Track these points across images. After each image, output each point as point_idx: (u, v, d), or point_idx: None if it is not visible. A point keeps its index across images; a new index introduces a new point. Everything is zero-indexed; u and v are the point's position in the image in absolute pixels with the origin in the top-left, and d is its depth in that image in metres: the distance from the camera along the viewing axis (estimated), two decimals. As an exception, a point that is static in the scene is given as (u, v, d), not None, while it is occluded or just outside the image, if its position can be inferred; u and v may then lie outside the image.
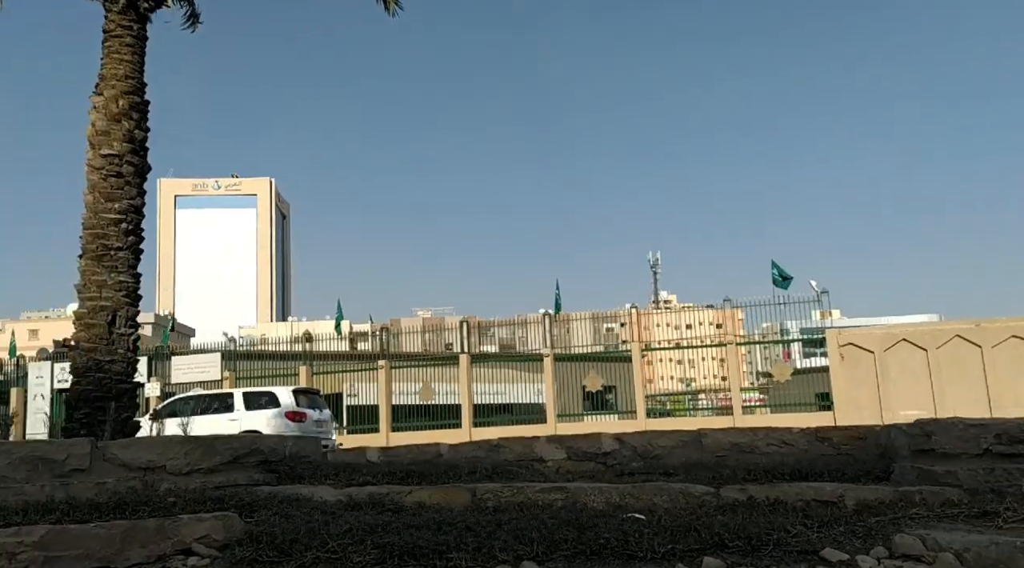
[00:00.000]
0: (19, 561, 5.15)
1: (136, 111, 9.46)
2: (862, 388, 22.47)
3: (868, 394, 22.29)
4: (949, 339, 22.29)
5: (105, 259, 8.95)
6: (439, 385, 26.54)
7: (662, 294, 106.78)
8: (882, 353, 22.52)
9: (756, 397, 37.15)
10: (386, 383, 26.44)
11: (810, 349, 40.74)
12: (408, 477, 7.65)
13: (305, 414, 17.63)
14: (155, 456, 6.94)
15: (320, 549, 5.23)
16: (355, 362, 28.85)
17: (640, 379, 25.61)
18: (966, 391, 21.62)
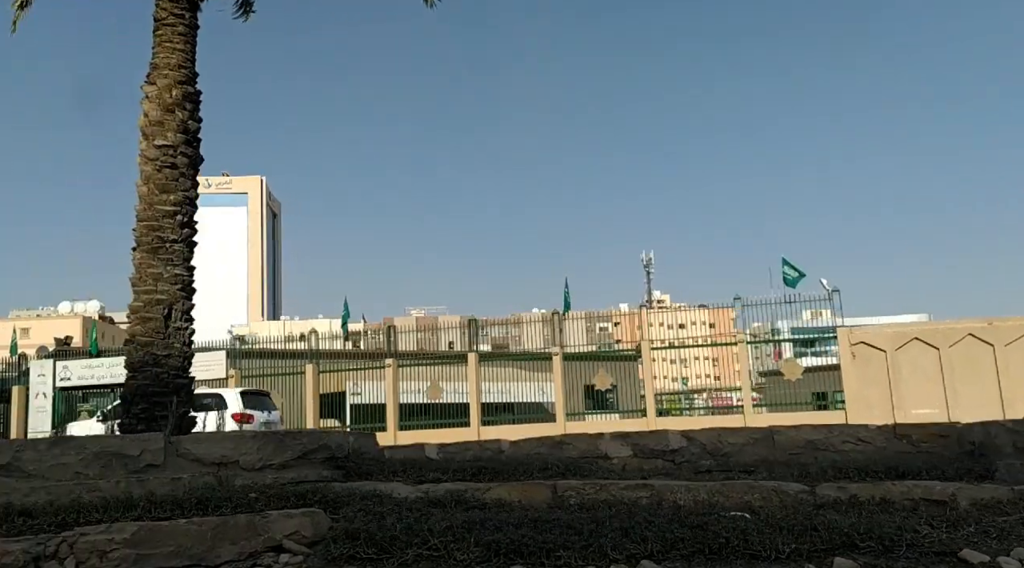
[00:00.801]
0: (110, 559, 5.01)
1: (189, 101, 9.30)
2: (874, 387, 22.28)
3: (880, 393, 22.08)
4: (961, 338, 22.13)
5: (160, 252, 8.80)
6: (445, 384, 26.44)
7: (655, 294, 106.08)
8: (894, 352, 22.35)
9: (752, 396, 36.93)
10: (393, 381, 26.28)
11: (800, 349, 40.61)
12: (479, 474, 7.51)
13: (252, 416, 17.80)
14: (228, 451, 6.79)
15: (421, 546, 5.08)
16: (362, 361, 28.64)
17: (650, 378, 25.51)
18: (979, 390, 21.41)
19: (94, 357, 29.39)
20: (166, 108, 9.09)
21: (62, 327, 68.21)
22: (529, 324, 32.44)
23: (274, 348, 32.47)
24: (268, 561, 5.40)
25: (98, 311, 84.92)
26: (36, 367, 29.01)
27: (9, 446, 6.33)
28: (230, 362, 27.69)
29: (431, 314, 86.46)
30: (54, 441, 6.36)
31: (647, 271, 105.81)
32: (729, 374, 31.33)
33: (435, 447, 9.20)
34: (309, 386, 26.83)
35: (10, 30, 11.89)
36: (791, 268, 24.99)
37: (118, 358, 28.98)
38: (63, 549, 5.02)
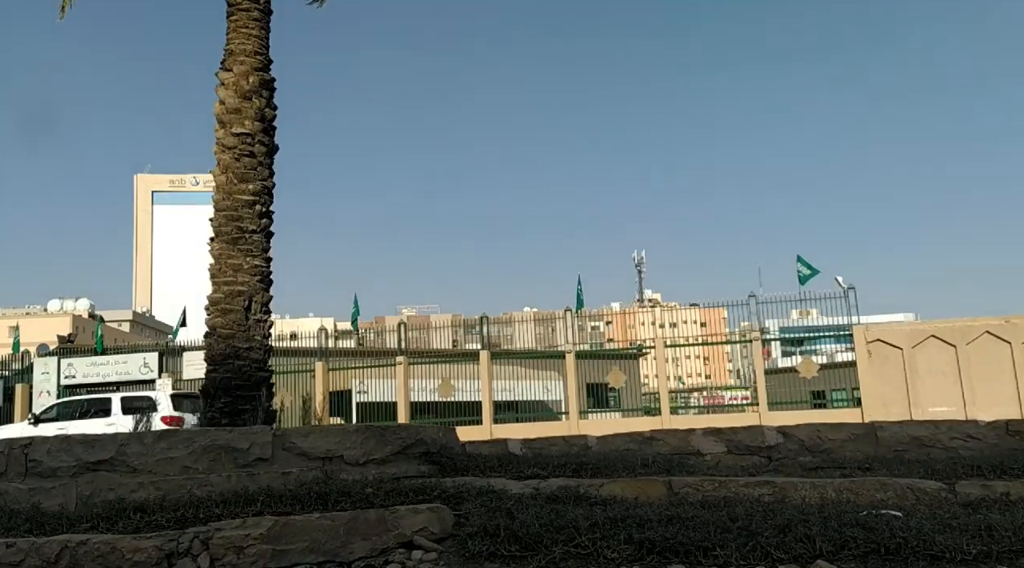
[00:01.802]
0: (247, 556, 4.83)
1: (266, 88, 9.10)
2: (890, 385, 22.12)
3: (896, 391, 21.94)
4: (978, 335, 21.96)
5: (240, 242, 8.60)
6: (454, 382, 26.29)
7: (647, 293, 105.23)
8: (910, 350, 22.21)
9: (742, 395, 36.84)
10: (404, 379, 26.08)
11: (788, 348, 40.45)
12: (580, 469, 7.28)
13: (182, 418, 17.62)
14: (333, 445, 6.61)
15: (567, 544, 4.88)
16: (372, 358, 28.42)
17: (664, 375, 25.35)
18: (997, 388, 21.25)
19: (99, 355, 29.09)
20: (243, 95, 8.88)
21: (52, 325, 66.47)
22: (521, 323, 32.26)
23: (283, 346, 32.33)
24: (399, 558, 5.22)
25: (88, 309, 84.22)
26: (40, 365, 28.66)
27: (113, 440, 6.15)
28: None
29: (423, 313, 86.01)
30: (160, 434, 6.17)
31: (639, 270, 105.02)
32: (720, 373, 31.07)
33: (518, 442, 9.01)
34: (319, 384, 26.57)
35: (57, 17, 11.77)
36: (805, 266, 24.80)
37: (124, 355, 28.74)
38: (196, 545, 4.84)
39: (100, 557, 4.69)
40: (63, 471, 6.12)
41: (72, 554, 4.69)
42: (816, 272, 24.80)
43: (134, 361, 28.14)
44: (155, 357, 27.93)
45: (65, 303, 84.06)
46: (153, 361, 27.74)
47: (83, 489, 6.02)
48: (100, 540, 4.76)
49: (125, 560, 4.70)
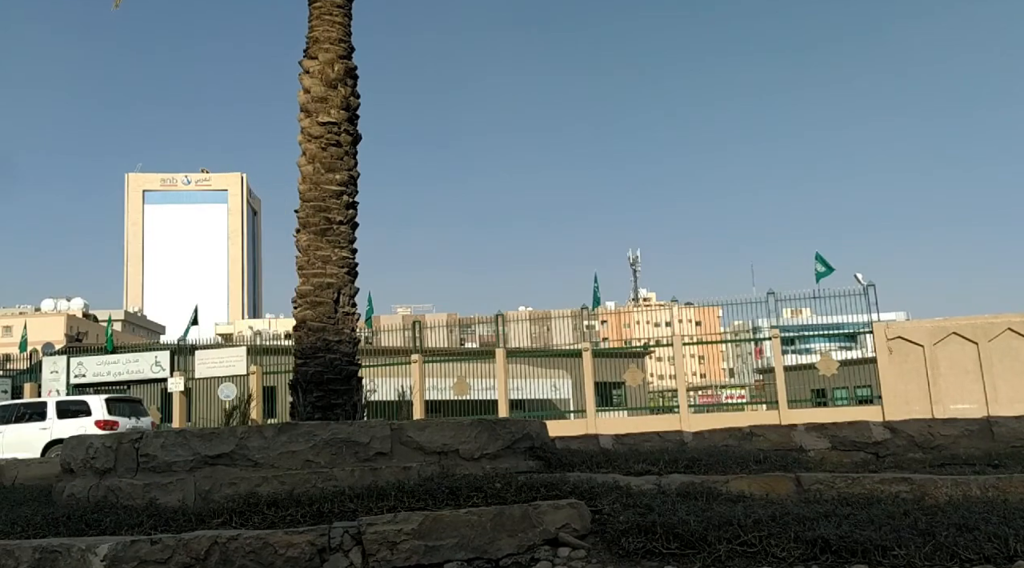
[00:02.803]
0: (400, 551, 4.65)
1: (350, 77, 8.90)
2: (911, 382, 21.96)
3: (918, 388, 21.79)
4: (1000, 332, 21.77)
5: (328, 233, 8.40)
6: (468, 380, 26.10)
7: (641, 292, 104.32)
8: (931, 347, 22.03)
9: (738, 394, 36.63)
10: (419, 378, 25.88)
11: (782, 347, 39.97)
12: (694, 465, 7.07)
13: (116, 422, 17.80)
14: (449, 440, 6.41)
15: (732, 541, 4.66)
16: (385, 356, 28.21)
17: (682, 373, 25.22)
18: (1019, 384, 21.09)
19: (110, 353, 28.88)
20: (329, 83, 8.69)
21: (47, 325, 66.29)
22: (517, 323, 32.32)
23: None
24: (545, 555, 5.02)
25: (82, 309, 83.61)
26: (48, 364, 28.40)
27: (232, 434, 5.96)
28: (250, 358, 27.36)
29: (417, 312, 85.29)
30: (280, 428, 5.98)
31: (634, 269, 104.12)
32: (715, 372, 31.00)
33: (610, 438, 8.80)
34: None
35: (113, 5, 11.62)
36: (822, 263, 24.60)
37: (136, 354, 28.54)
38: (346, 540, 4.66)
39: (252, 553, 4.51)
40: (179, 466, 5.94)
41: (222, 550, 4.51)
42: (831, 270, 24.60)
43: (145, 360, 28.03)
44: (167, 356, 27.82)
45: (59, 303, 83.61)
46: (165, 360, 27.64)
47: (201, 484, 5.84)
48: (251, 535, 4.58)
49: (278, 556, 4.52)
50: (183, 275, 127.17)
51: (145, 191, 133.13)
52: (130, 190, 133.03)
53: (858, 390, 26.64)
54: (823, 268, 24.51)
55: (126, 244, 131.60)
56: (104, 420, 17.66)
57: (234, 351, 28.17)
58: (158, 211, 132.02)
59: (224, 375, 26.76)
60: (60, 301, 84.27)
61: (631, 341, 29.16)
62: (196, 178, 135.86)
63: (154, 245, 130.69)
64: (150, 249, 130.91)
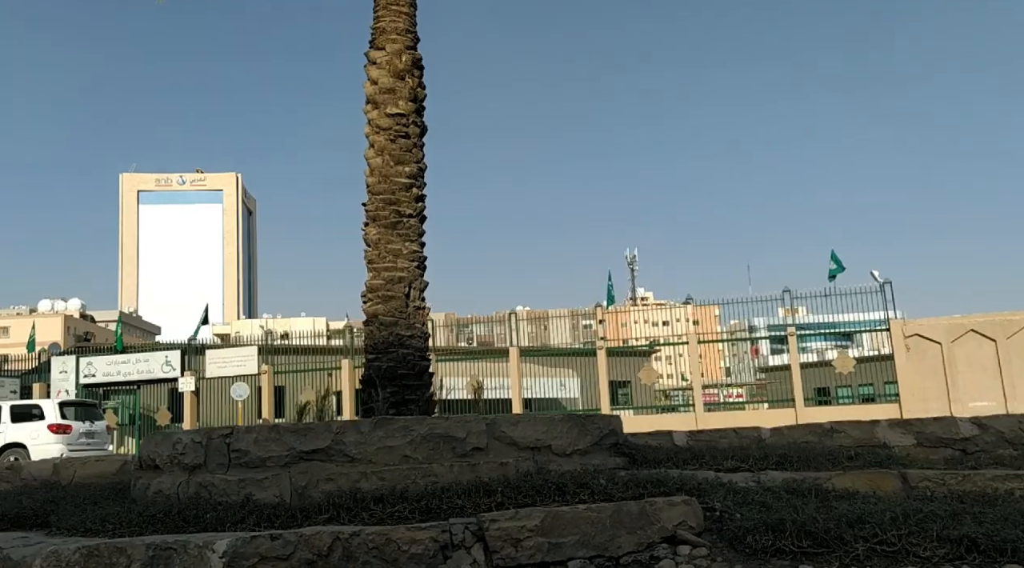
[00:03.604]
0: (525, 548, 4.50)
1: (417, 68, 8.77)
2: (929, 380, 21.94)
3: (936, 386, 21.76)
4: (1019, 330, 21.72)
5: (399, 227, 8.27)
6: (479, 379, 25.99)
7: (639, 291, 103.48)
8: (949, 344, 22.02)
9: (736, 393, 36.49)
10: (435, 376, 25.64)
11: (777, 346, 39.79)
12: (784, 462, 6.90)
13: (70, 426, 18.19)
14: (542, 435, 6.26)
15: (869, 540, 4.49)
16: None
17: (698, 372, 25.18)
18: None
19: (120, 353, 28.80)
20: (396, 74, 8.56)
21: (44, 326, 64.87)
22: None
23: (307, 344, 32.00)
24: (663, 552, 4.86)
25: (79, 309, 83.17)
26: (57, 363, 28.32)
27: (327, 428, 5.83)
28: (262, 358, 27.25)
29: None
30: (376, 422, 5.83)
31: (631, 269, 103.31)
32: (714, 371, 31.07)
33: (684, 434, 8.63)
34: (346, 381, 26.29)
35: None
36: (835, 262, 24.41)
37: (146, 354, 28.49)
38: (467, 537, 4.51)
39: (376, 549, 4.37)
40: (273, 461, 5.80)
41: (345, 545, 4.37)
42: (842, 268, 24.47)
43: (156, 359, 27.98)
44: (177, 355, 27.79)
45: (56, 304, 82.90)
46: (175, 359, 27.59)
47: (297, 480, 5.71)
48: (373, 531, 4.44)
49: (401, 552, 4.38)
50: (178, 275, 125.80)
51: (140, 191, 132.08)
52: (125, 190, 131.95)
53: (862, 388, 26.54)
54: (836, 266, 24.42)
55: (121, 244, 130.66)
56: (57, 424, 18.14)
57: (245, 351, 28.14)
58: (153, 211, 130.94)
59: (235, 375, 26.70)
60: (57, 302, 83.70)
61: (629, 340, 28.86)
62: (191, 178, 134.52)
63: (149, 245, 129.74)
64: (145, 249, 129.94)
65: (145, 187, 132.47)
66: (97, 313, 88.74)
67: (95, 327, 78.68)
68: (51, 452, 16.57)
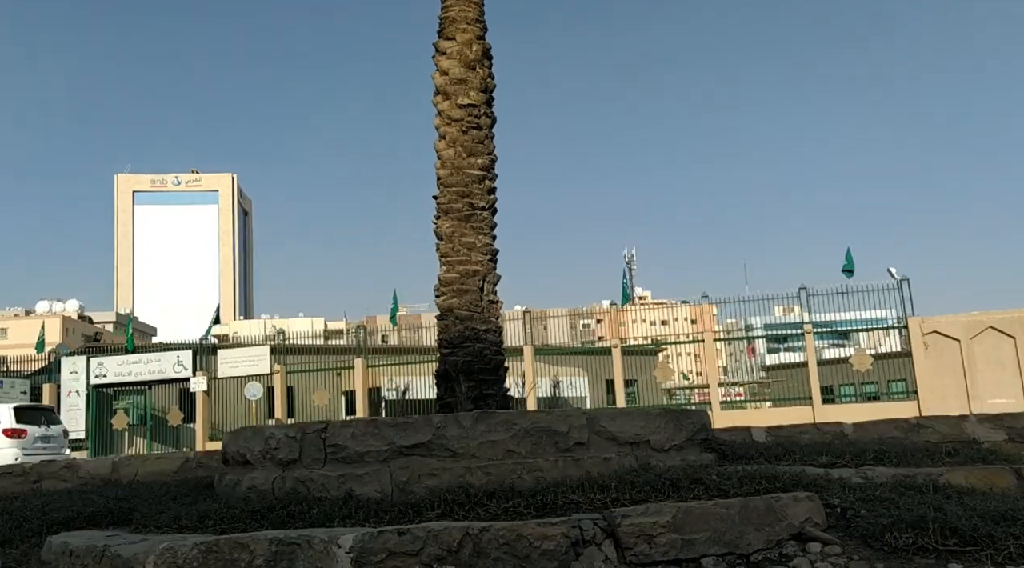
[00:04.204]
0: (658, 544, 4.35)
1: (487, 58, 8.64)
2: (948, 377, 21.78)
3: (955, 383, 21.61)
4: None
5: (472, 220, 8.14)
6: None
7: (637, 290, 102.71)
8: (968, 341, 21.86)
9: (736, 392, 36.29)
10: None
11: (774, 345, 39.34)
12: (883, 457, 6.71)
13: (25, 431, 18.18)
14: (640, 429, 6.11)
15: (1021, 537, 4.31)
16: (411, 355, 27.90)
17: (715, 369, 25.18)
18: None
19: (131, 353, 28.68)
20: (467, 64, 8.43)
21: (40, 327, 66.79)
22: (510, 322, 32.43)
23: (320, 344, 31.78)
24: (792, 550, 4.68)
25: (77, 311, 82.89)
26: (68, 364, 28.19)
27: (427, 422, 5.69)
28: (274, 357, 27.15)
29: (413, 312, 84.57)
30: (477, 417, 5.70)
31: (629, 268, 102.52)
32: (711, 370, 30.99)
33: (763, 430, 8.47)
34: (359, 381, 26.26)
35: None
36: (847, 260, 24.19)
37: (157, 354, 28.41)
38: (597, 533, 4.36)
39: (506, 545, 4.22)
40: (372, 456, 5.67)
41: (475, 541, 4.23)
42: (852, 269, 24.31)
43: (167, 359, 27.91)
44: (189, 355, 27.72)
45: (54, 305, 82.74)
46: (187, 359, 27.52)
47: (398, 475, 5.58)
48: (502, 527, 4.30)
49: (533, 548, 4.23)
50: (174, 276, 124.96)
51: (135, 192, 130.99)
52: (120, 191, 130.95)
53: (865, 386, 26.32)
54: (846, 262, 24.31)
55: (116, 245, 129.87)
56: (11, 428, 18.16)
57: (257, 350, 28.12)
58: (148, 212, 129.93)
59: (247, 375, 26.66)
60: (55, 303, 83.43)
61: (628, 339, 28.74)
62: (186, 179, 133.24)
63: (145, 246, 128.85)
64: (140, 250, 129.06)
65: (140, 188, 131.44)
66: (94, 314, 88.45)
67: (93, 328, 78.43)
68: (6, 457, 16.62)
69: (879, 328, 26.03)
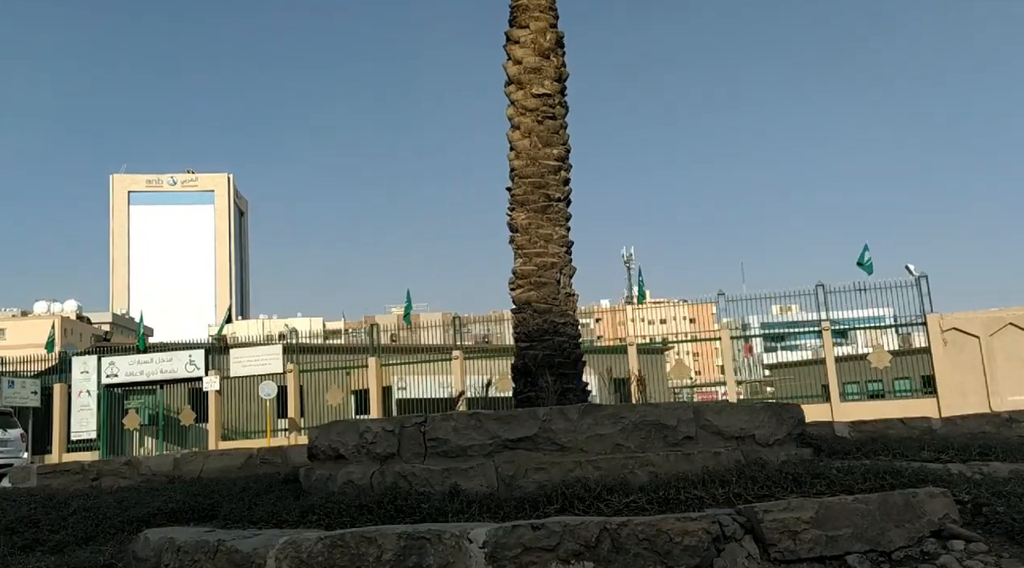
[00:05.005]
0: (802, 541, 4.19)
1: (560, 46, 8.49)
2: (968, 374, 21.55)
3: (974, 380, 21.37)
4: None
5: (548, 211, 7.99)
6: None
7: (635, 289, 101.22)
8: (987, 338, 21.62)
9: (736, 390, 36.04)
10: (461, 374, 25.47)
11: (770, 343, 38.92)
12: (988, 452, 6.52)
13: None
14: (745, 424, 5.95)
15: None
16: (424, 354, 27.71)
17: (731, 366, 25.12)
18: None
19: (142, 353, 28.59)
20: (542, 53, 8.27)
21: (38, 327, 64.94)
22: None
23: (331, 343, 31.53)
24: (932, 547, 4.49)
25: (75, 311, 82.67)
26: (78, 364, 27.99)
27: (532, 416, 5.55)
28: (287, 356, 27.12)
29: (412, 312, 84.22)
30: (584, 410, 5.55)
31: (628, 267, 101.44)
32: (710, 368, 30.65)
33: (845, 425, 8.28)
34: (372, 379, 26.20)
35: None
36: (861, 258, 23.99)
37: (169, 353, 28.26)
38: (736, 529, 4.19)
39: (646, 540, 4.07)
40: (475, 450, 5.53)
41: (613, 536, 4.07)
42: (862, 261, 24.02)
43: (179, 359, 27.80)
44: (201, 354, 27.65)
45: (52, 306, 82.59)
46: (199, 358, 27.45)
47: (503, 469, 5.43)
48: (641, 522, 4.14)
49: (673, 544, 4.07)
50: (170, 277, 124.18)
51: (130, 192, 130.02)
52: (115, 191, 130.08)
53: (870, 385, 25.99)
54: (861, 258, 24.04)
55: (112, 246, 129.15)
56: None
57: (270, 349, 28.10)
58: (144, 212, 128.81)
59: (259, 374, 26.57)
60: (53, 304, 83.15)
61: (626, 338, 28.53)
62: (182, 179, 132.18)
63: (140, 247, 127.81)
64: (136, 251, 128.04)
65: (136, 188, 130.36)
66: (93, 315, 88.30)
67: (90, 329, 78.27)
68: None
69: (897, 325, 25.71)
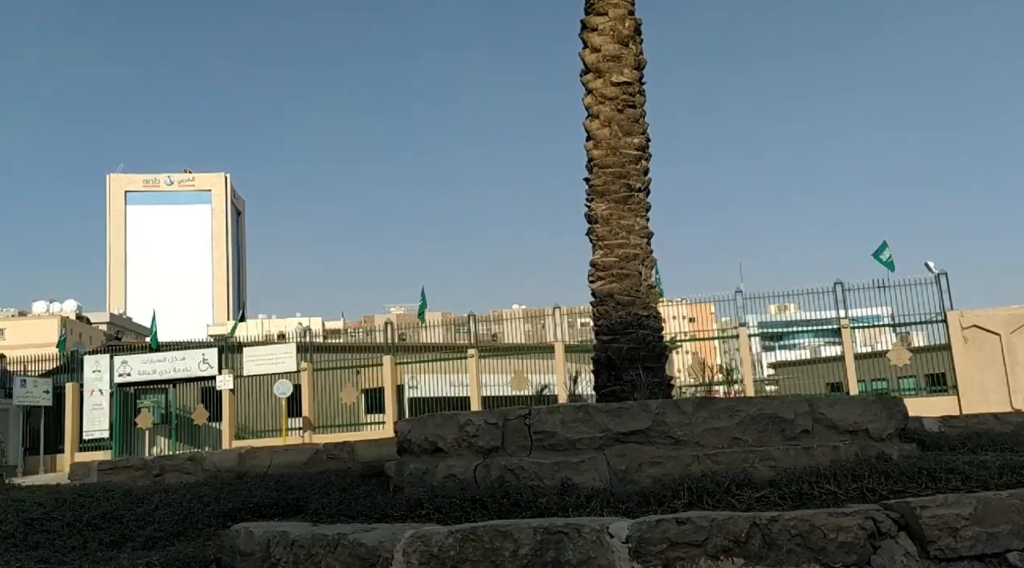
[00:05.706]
0: (963, 538, 4.01)
1: (638, 34, 8.31)
2: (988, 371, 21.25)
3: (995, 377, 21.07)
4: None
5: (629, 201, 7.81)
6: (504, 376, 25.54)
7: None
8: (1008, 335, 21.33)
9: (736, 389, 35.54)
10: (476, 373, 25.37)
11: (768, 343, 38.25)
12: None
13: None
14: (858, 418, 5.75)
15: None
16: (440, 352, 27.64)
17: (748, 364, 25.16)
18: None
19: (155, 351, 28.53)
20: (621, 41, 8.09)
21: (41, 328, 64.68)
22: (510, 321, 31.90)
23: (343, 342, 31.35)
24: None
25: (75, 311, 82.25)
26: (90, 363, 27.90)
27: (644, 408, 5.37)
28: (301, 355, 27.08)
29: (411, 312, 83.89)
30: (698, 403, 5.38)
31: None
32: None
33: (934, 421, 8.05)
34: (388, 377, 26.09)
35: None
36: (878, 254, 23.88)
37: (182, 352, 28.24)
38: (891, 526, 4.00)
39: (799, 536, 3.88)
40: (584, 443, 5.36)
41: (764, 531, 3.89)
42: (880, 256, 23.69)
43: (192, 357, 27.76)
44: (214, 353, 27.58)
45: (52, 306, 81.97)
46: (213, 357, 27.39)
47: (615, 463, 5.25)
48: (793, 516, 3.95)
49: (828, 540, 3.88)
50: (167, 276, 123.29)
51: (127, 192, 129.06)
52: (112, 191, 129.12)
53: (874, 383, 25.65)
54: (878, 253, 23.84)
55: (109, 246, 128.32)
56: None
57: (284, 348, 28.17)
58: (141, 212, 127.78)
59: (273, 372, 26.53)
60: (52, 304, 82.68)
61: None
62: (179, 178, 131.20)
63: (137, 246, 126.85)
64: (133, 251, 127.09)
65: (133, 188, 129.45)
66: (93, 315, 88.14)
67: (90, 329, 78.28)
68: None
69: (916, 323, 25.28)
